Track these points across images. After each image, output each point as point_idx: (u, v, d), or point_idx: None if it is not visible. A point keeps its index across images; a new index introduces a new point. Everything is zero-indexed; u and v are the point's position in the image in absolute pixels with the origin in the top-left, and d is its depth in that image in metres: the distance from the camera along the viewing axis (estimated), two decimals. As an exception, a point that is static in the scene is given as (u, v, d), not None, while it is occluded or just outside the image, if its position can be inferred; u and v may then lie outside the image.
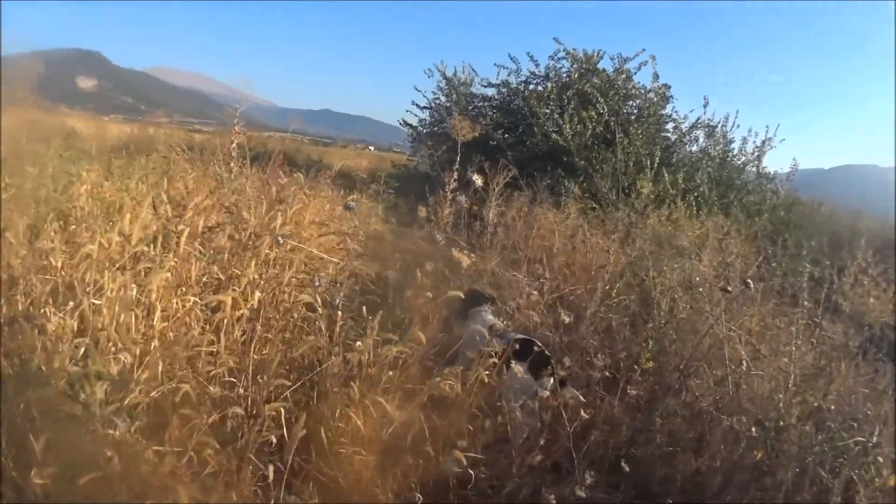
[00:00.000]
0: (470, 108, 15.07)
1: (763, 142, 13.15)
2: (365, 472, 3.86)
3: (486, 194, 9.49)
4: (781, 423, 4.14)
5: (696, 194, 11.98)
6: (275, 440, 3.66)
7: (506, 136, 14.20)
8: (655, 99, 13.67)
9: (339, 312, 4.49)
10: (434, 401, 4.27)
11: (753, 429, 4.18)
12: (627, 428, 4.87)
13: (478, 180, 8.80)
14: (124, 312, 3.75)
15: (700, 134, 13.65)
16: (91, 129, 11.42)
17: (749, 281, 4.54)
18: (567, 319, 5.00)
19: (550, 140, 12.85)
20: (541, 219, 9.17)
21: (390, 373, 4.31)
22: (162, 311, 4.01)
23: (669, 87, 13.68)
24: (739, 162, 13.42)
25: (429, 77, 15.33)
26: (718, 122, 13.38)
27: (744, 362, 4.73)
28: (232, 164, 6.55)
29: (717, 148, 13.39)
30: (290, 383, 4.08)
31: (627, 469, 4.35)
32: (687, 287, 5.78)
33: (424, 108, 15.68)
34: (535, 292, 6.07)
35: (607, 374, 5.08)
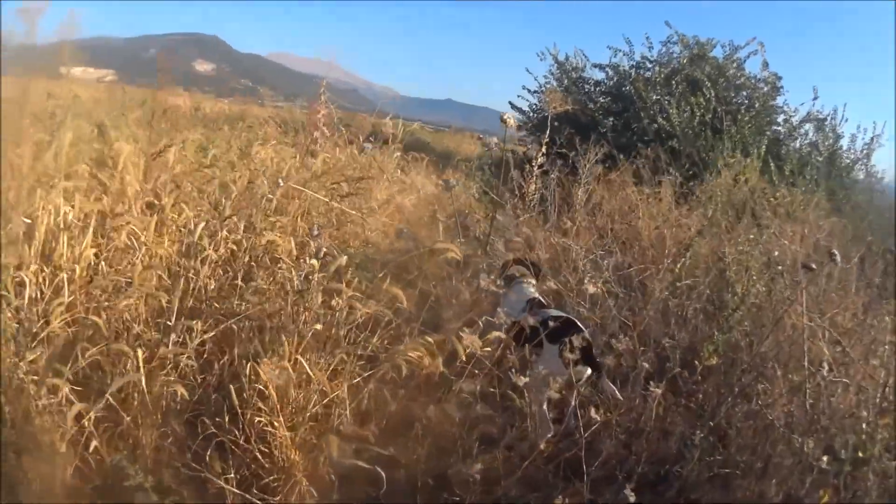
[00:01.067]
0: (580, 93, 13.80)
1: (872, 139, 11.63)
2: (283, 449, 3.08)
3: (576, 172, 8.54)
4: (860, 453, 2.89)
5: (802, 189, 10.36)
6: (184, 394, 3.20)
7: (614, 121, 13.00)
8: (766, 89, 12.34)
9: (315, 262, 3.65)
10: (419, 380, 3.43)
11: (824, 458, 2.92)
12: (677, 438, 3.66)
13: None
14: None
15: (809, 128, 12.17)
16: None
17: (835, 252, 3.25)
18: (592, 290, 3.83)
19: (656, 125, 11.76)
20: (632, 199, 8.02)
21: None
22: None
23: (780, 78, 12.31)
24: (848, 160, 12.01)
25: (541, 60, 14.01)
26: (827, 115, 11.88)
27: (825, 365, 3.44)
28: (316, 134, 6.79)
29: (827, 143, 11.91)
30: (203, 328, 3.54)
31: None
32: (765, 265, 4.51)
33: (535, 92, 14.47)
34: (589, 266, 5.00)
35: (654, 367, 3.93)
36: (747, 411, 3.66)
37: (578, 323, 4.03)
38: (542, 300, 4.51)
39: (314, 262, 3.57)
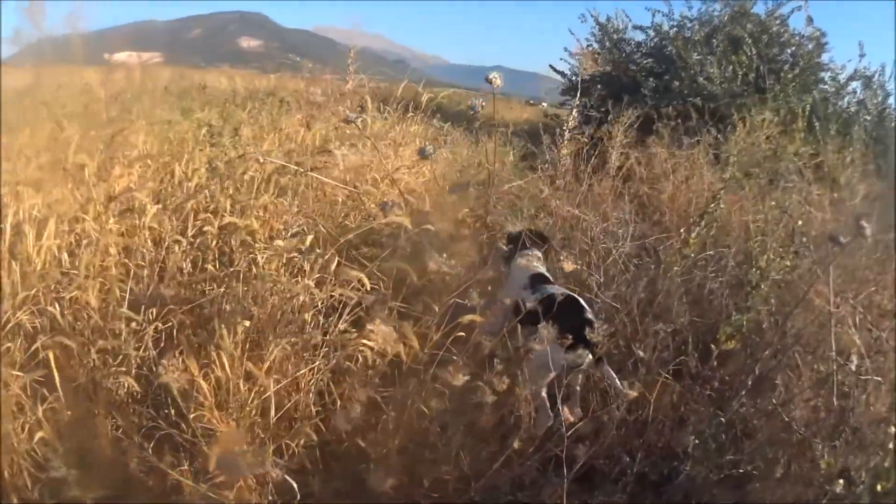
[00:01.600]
0: (621, 55, 13.18)
1: None
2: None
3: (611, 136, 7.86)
4: (881, 485, 2.35)
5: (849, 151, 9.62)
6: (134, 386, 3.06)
7: (656, 83, 12.18)
8: (810, 46, 11.50)
9: (281, 243, 3.38)
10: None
11: (840, 482, 2.38)
12: (687, 432, 3.15)
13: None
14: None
15: (857, 86, 11.26)
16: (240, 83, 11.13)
17: (863, 223, 2.66)
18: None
19: (697, 85, 11.09)
20: (663, 162, 7.44)
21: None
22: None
23: (825, 34, 11.47)
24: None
25: (582, 23, 13.47)
26: (875, 72, 10.95)
27: (853, 358, 2.88)
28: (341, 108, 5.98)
29: (875, 101, 11.02)
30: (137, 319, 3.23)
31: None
32: (790, 237, 3.93)
33: (576, 55, 13.81)
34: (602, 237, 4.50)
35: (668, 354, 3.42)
36: (765, 406, 3.13)
37: (582, 301, 3.55)
38: (546, 275, 4.01)
39: (279, 242, 3.15)
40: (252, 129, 6.02)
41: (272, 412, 2.92)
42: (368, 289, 3.21)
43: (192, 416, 2.72)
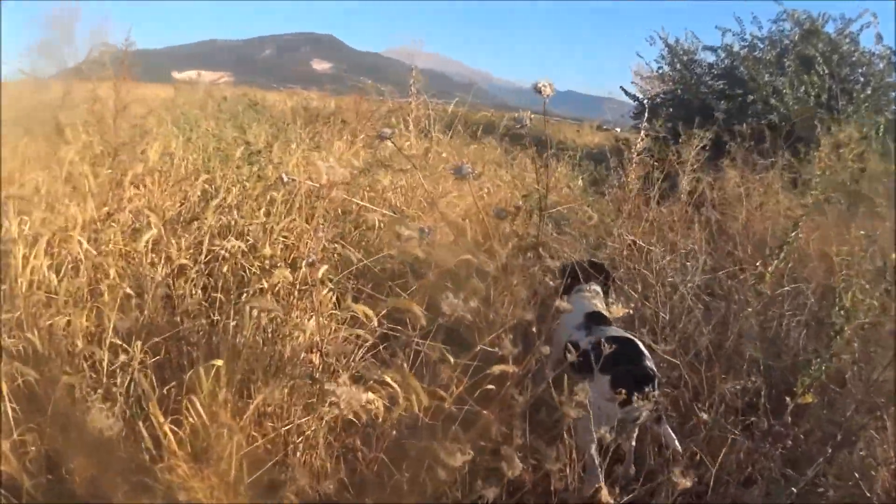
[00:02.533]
0: (692, 78, 12.53)
1: None
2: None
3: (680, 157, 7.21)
4: None
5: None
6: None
7: (728, 105, 11.51)
8: (882, 66, 10.75)
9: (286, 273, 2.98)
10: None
11: None
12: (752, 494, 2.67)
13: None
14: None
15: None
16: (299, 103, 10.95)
17: None
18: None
19: (769, 106, 10.45)
20: (738, 186, 6.88)
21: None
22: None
23: (895, 52, 10.69)
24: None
25: (651, 45, 12.93)
26: None
27: None
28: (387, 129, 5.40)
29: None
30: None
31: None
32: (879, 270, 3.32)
33: (647, 77, 13.25)
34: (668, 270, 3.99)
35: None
36: (844, 472, 2.60)
37: (641, 346, 3.06)
38: (605, 314, 3.50)
39: (285, 272, 2.75)
40: (300, 148, 5.75)
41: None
42: (376, 326, 2.84)
43: (159, 466, 2.32)
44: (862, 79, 10.87)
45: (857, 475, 2.51)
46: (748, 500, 2.67)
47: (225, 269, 3.54)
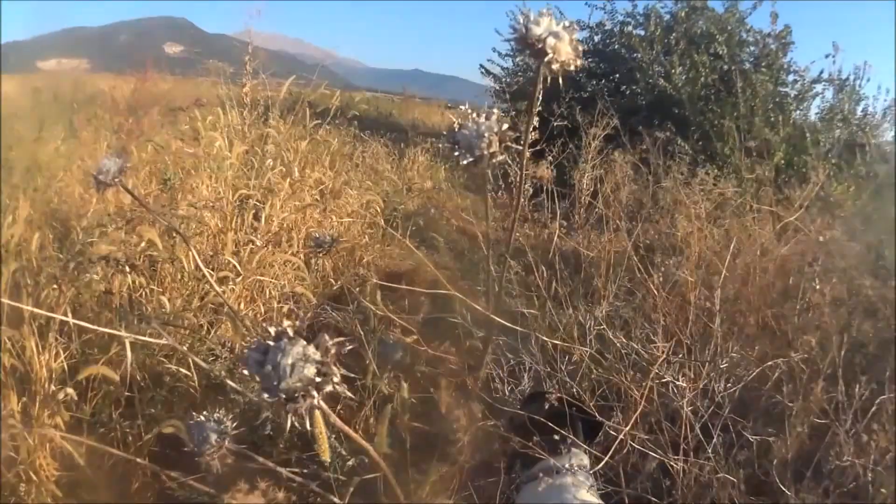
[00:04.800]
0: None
1: None
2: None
3: (578, 151, 6.07)
4: None
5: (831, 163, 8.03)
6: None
7: (600, 84, 10.59)
8: (774, 46, 9.69)
9: None
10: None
11: None
12: None
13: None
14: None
15: (826, 89, 9.43)
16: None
17: None
18: None
19: (656, 89, 9.45)
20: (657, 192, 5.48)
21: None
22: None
23: (790, 31, 9.67)
24: (868, 126, 9.12)
25: (511, 21, 11.30)
26: (848, 76, 9.07)
27: None
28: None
29: (848, 107, 9.09)
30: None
31: None
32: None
33: (507, 55, 11.78)
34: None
35: None
36: None
37: None
38: None
39: None
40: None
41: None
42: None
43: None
44: (753, 60, 9.89)
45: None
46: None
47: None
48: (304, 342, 1.05)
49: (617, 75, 10.73)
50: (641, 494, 2.27)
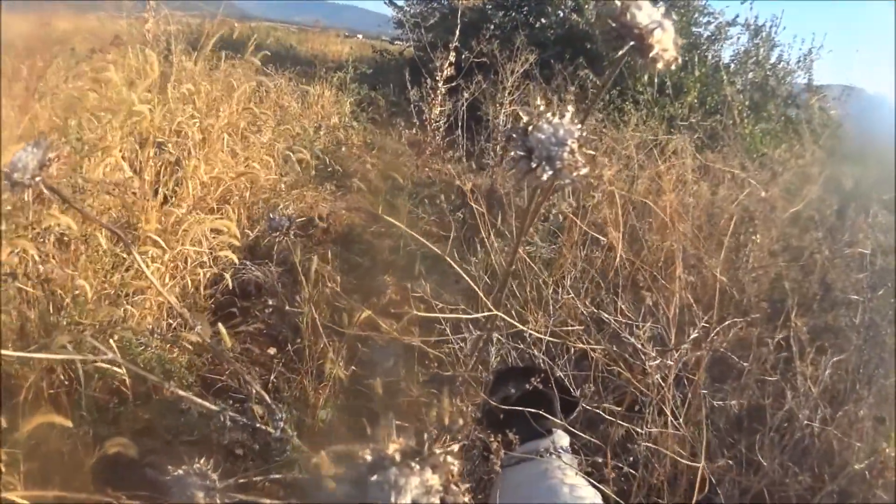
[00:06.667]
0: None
1: (810, 50, 8.84)
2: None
3: (494, 87, 5.88)
4: None
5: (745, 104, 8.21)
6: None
7: (509, 15, 10.18)
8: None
9: None
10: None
11: None
12: None
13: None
14: None
15: (741, 33, 9.58)
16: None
17: None
18: None
19: (567, 23, 9.29)
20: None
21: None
22: None
23: (705, -33, 9.76)
24: (783, 72, 9.36)
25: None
26: (764, 22, 9.29)
27: None
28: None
29: (762, 51, 9.31)
30: None
31: None
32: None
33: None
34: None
35: None
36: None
37: None
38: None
39: None
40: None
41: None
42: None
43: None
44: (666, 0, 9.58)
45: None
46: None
47: None
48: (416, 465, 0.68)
49: (526, 7, 10.34)
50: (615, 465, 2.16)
